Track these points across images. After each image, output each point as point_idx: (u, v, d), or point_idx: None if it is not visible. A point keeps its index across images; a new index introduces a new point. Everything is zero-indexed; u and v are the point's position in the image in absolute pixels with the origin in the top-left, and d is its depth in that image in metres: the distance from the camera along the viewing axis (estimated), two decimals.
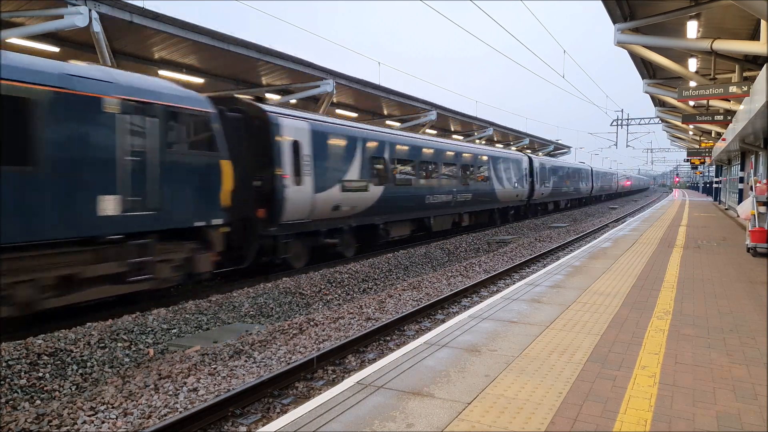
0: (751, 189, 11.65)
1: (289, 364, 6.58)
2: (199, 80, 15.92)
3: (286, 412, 5.31)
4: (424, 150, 17.91)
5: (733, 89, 11.39)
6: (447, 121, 27.86)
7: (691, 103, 17.00)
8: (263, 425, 4.75)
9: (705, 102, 15.58)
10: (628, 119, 43.42)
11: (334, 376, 6.42)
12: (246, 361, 6.81)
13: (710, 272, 8.98)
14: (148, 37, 12.75)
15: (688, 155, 34.31)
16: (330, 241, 13.75)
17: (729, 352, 4.81)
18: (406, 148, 16.80)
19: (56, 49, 12.69)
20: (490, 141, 36.80)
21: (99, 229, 8.02)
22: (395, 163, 16.32)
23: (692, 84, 14.40)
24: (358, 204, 14.40)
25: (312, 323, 8.43)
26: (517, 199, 27.88)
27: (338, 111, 22.39)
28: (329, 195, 13.22)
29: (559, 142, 48.46)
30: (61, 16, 10.54)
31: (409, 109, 23.71)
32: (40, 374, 6.20)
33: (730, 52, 11.59)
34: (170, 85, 9.54)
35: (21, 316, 7.47)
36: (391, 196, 15.77)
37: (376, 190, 15.06)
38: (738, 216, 18.62)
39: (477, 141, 33.20)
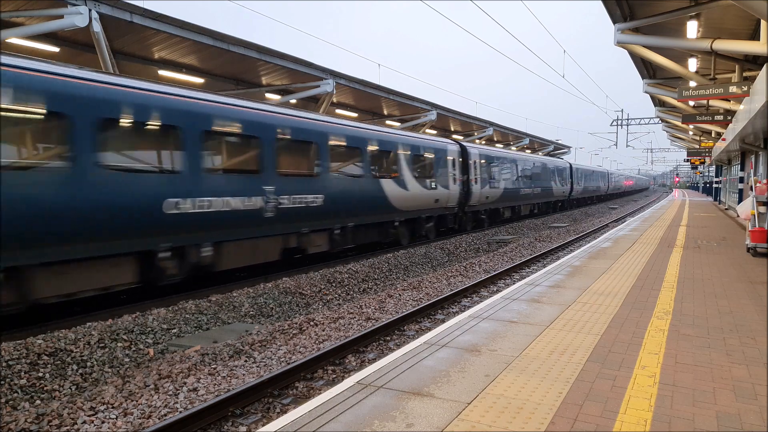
0: (751, 189, 11.64)
1: (289, 364, 6.59)
2: (199, 80, 15.92)
3: (286, 412, 5.31)
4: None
5: (733, 89, 11.39)
6: (447, 121, 27.86)
7: (691, 103, 16.99)
8: (263, 425, 4.76)
9: (705, 102, 15.58)
10: (628, 119, 43.40)
11: (334, 376, 6.42)
12: (246, 361, 6.81)
13: (710, 272, 8.98)
14: (148, 37, 12.74)
15: (688, 155, 34.30)
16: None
17: (729, 352, 4.81)
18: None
19: (56, 50, 12.69)
20: (489, 141, 36.80)
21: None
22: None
23: (692, 84, 14.40)
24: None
25: (312, 323, 8.43)
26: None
27: (338, 111, 22.39)
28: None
29: (559, 142, 48.45)
30: (61, 16, 10.53)
31: (409, 109, 23.70)
32: (40, 374, 6.20)
33: (730, 52, 11.59)
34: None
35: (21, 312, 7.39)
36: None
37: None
38: (738, 216, 18.61)
39: (478, 141, 33.19)
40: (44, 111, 7.58)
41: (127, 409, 5.42)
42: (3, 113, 7.11)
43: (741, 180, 22.21)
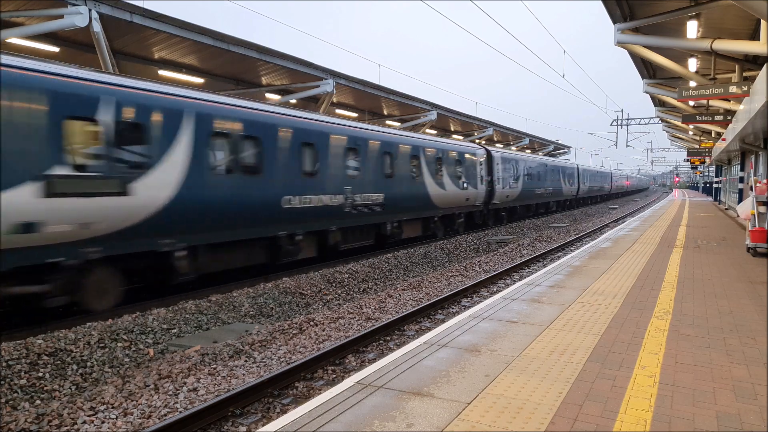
0: (751, 189, 11.64)
1: (289, 364, 6.59)
2: (199, 80, 15.92)
3: (286, 412, 5.31)
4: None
5: (733, 89, 11.39)
6: (447, 121, 27.86)
7: (691, 103, 16.99)
8: (263, 425, 4.76)
9: (705, 102, 15.58)
10: (628, 119, 43.39)
11: (334, 376, 6.42)
12: (246, 361, 6.81)
13: (710, 272, 8.98)
14: (148, 37, 12.74)
15: (688, 155, 34.32)
16: None
17: (729, 352, 4.81)
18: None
19: (56, 49, 12.69)
20: (489, 141, 36.80)
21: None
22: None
23: (692, 84, 14.39)
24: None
25: (312, 323, 8.43)
26: None
27: (338, 111, 22.38)
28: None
29: (559, 142, 48.46)
30: (61, 16, 10.53)
31: (409, 109, 23.70)
32: (40, 374, 6.20)
33: (730, 52, 11.59)
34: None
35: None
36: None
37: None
38: (738, 216, 18.61)
39: (478, 141, 33.19)
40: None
41: (127, 409, 5.42)
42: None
43: (741, 180, 22.21)
